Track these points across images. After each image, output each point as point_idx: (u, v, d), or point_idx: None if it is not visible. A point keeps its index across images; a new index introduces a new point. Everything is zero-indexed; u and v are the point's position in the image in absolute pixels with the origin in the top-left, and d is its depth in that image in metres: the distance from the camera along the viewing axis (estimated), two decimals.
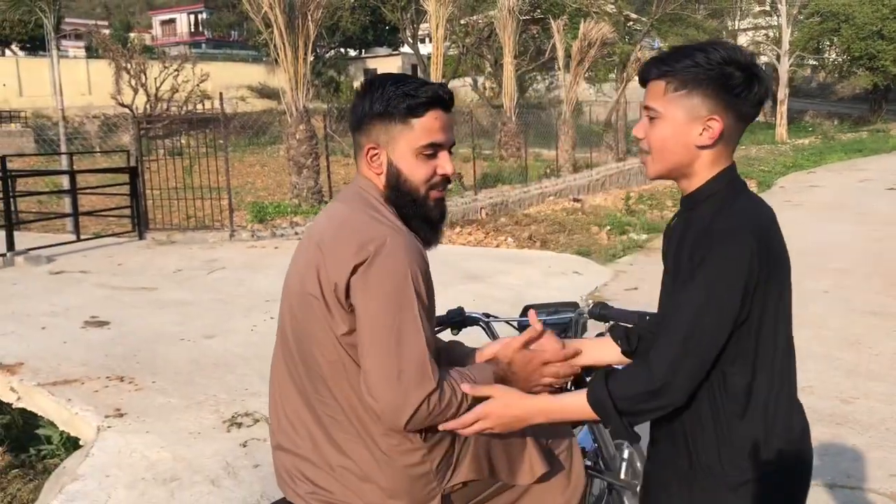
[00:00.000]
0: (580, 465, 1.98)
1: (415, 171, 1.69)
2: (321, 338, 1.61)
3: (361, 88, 1.73)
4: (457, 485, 1.69)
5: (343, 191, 1.79)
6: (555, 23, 17.62)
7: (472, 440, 1.71)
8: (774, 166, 21.47)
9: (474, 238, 10.40)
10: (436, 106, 1.69)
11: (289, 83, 11.33)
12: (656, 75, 1.55)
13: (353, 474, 1.62)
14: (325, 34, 30.25)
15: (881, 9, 32.95)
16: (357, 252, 1.55)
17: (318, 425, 1.65)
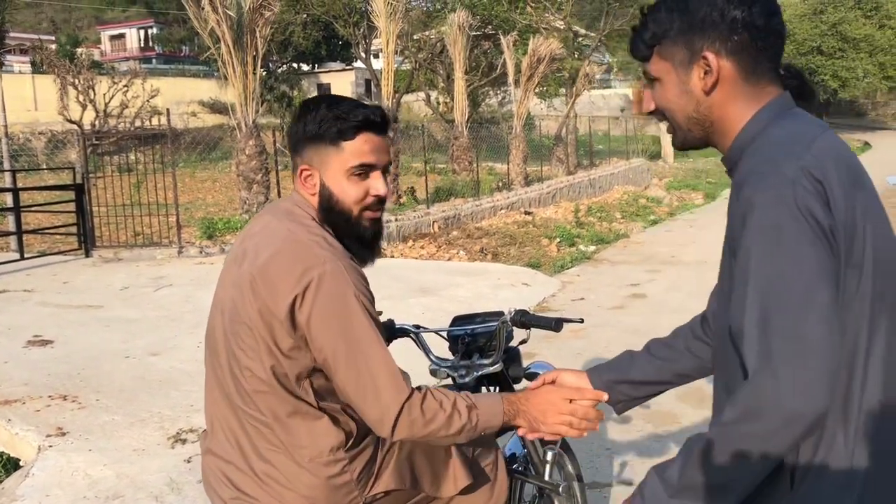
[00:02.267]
0: (504, 478, 2.03)
1: (346, 192, 1.72)
2: (249, 360, 1.65)
3: (298, 110, 1.77)
4: (378, 494, 1.72)
5: (277, 205, 1.81)
6: (504, 39, 17.85)
7: (395, 450, 1.76)
8: (721, 178, 21.95)
9: (427, 251, 10.47)
10: (367, 129, 1.72)
11: (238, 98, 11.30)
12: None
13: (276, 481, 1.66)
14: (277, 49, 30.16)
15: (819, 25, 34.07)
16: (298, 281, 1.58)
17: (244, 433, 1.69)
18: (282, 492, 1.65)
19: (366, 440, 1.72)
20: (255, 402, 1.66)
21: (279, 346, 1.61)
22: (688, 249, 10.94)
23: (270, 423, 1.65)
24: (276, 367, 1.62)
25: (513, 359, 2.35)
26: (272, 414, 1.65)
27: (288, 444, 1.65)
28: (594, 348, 6.13)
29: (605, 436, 4.36)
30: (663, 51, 1.38)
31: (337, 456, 1.66)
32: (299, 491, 1.64)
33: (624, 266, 9.88)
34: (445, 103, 26.24)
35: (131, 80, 23.48)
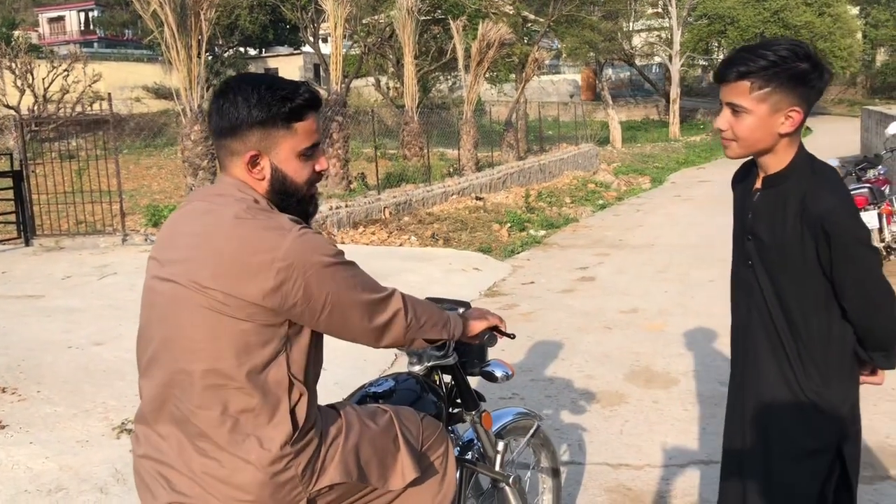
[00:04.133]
0: (453, 471, 2.03)
1: (299, 173, 1.72)
2: (201, 354, 1.60)
3: (225, 92, 1.69)
4: (323, 488, 1.69)
5: (213, 192, 1.72)
6: (454, 23, 17.79)
7: (339, 443, 1.73)
8: (668, 163, 22.35)
9: (378, 237, 10.42)
10: (312, 107, 1.72)
11: (183, 83, 11.06)
12: (737, 77, 1.78)
13: (217, 480, 1.60)
14: (223, 33, 29.60)
15: (763, 12, 34.72)
16: (278, 271, 1.56)
17: (184, 433, 1.63)
18: (223, 490, 1.60)
19: (310, 434, 1.68)
20: (205, 400, 1.60)
21: (247, 333, 1.59)
22: (635, 233, 11.11)
23: (217, 420, 1.60)
24: (240, 357, 1.59)
25: (472, 354, 2.36)
26: (222, 410, 1.60)
27: (229, 442, 1.60)
28: (544, 331, 6.19)
29: (557, 417, 4.41)
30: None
31: (284, 451, 1.62)
32: (242, 488, 1.60)
33: (573, 250, 9.99)
34: (395, 88, 26.11)
35: (71, 64, 22.79)
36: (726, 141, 1.88)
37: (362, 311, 1.69)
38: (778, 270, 1.89)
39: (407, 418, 1.95)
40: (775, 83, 1.76)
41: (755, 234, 1.92)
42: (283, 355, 1.64)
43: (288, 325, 1.63)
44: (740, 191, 2.08)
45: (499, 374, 2.38)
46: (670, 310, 6.73)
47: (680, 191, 16.43)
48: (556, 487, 2.84)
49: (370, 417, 1.87)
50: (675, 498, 3.46)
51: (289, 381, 1.64)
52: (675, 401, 4.61)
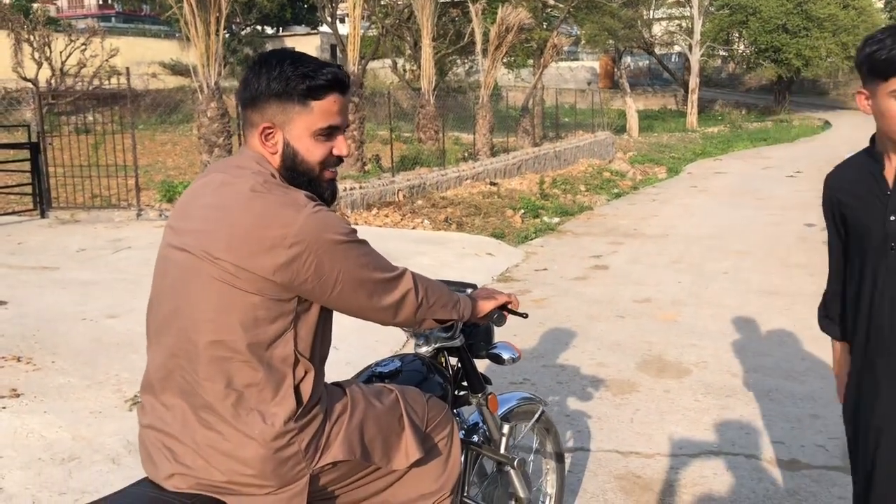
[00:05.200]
0: (458, 453, 2.02)
1: (311, 152, 1.70)
2: (212, 325, 1.59)
3: (255, 64, 1.70)
4: (326, 465, 1.69)
5: (233, 164, 1.72)
6: (473, 6, 17.68)
7: (344, 420, 1.73)
8: (684, 153, 22.18)
9: (391, 220, 10.41)
10: (335, 89, 1.70)
11: (200, 60, 11.05)
12: None
13: (220, 453, 1.60)
14: (241, 11, 29.55)
15: (785, 3, 34.31)
16: (290, 246, 1.56)
17: (189, 405, 1.63)
18: (227, 464, 1.60)
19: (314, 410, 1.67)
20: (211, 372, 1.60)
21: (256, 307, 1.58)
22: (650, 222, 11.05)
23: (222, 393, 1.60)
24: (248, 331, 1.58)
25: (478, 336, 2.35)
26: (227, 383, 1.59)
27: (233, 416, 1.60)
28: (556, 318, 6.18)
29: (565, 403, 4.41)
30: None
31: (287, 427, 1.61)
32: (247, 462, 1.59)
33: (587, 238, 9.95)
34: (412, 71, 26.02)
35: (89, 38, 22.77)
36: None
37: (373, 290, 1.69)
38: None
39: (413, 399, 1.95)
40: None
41: None
42: (291, 332, 1.63)
43: (297, 302, 1.63)
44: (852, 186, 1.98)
45: (506, 356, 2.37)
46: (684, 300, 6.70)
47: (696, 182, 16.32)
48: (560, 472, 2.84)
49: (376, 396, 1.86)
50: (684, 487, 3.46)
51: (295, 357, 1.64)
52: (687, 391, 4.60)
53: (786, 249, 8.87)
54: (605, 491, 3.41)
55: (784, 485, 3.47)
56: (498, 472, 2.46)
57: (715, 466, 3.65)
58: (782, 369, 4.94)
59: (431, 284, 1.85)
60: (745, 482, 3.50)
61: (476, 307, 2.05)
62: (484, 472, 2.49)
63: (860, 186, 1.93)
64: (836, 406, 4.27)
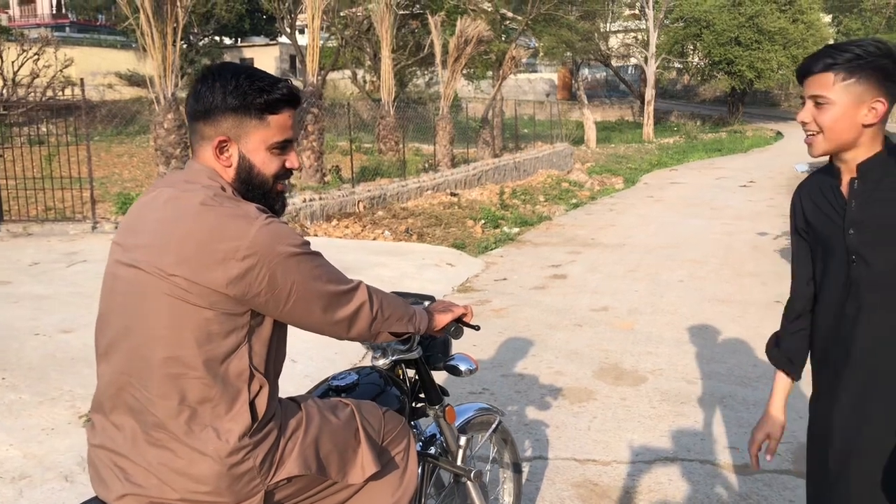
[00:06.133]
0: (414, 467, 2.03)
1: (267, 165, 1.71)
2: (164, 341, 1.58)
3: (206, 77, 1.70)
4: (282, 481, 1.68)
5: (181, 178, 1.70)
6: (432, 18, 17.77)
7: (299, 435, 1.73)
8: (641, 164, 22.50)
9: (351, 231, 10.40)
10: (289, 104, 1.72)
11: (157, 70, 10.94)
12: (822, 69, 1.82)
13: (173, 471, 1.59)
14: (199, 21, 29.28)
15: (738, 17, 35.08)
16: (243, 258, 1.56)
17: (139, 424, 1.61)
18: (180, 482, 1.58)
19: (269, 426, 1.67)
20: (164, 389, 1.58)
21: (209, 322, 1.57)
22: (607, 232, 11.20)
23: (175, 409, 1.58)
24: (201, 346, 1.57)
25: (436, 348, 2.36)
26: (180, 399, 1.58)
27: (191, 431, 1.59)
28: (515, 327, 6.23)
29: (524, 412, 4.45)
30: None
31: (242, 443, 1.61)
32: (201, 480, 1.58)
33: (546, 247, 10.05)
34: (372, 82, 26.05)
35: (42, 48, 22.39)
36: (810, 137, 1.89)
37: (327, 303, 1.69)
38: None
39: (369, 412, 1.95)
40: (859, 75, 1.80)
41: (862, 222, 1.87)
42: (245, 346, 1.62)
43: (251, 316, 1.62)
44: (814, 197, 2.02)
45: (463, 368, 2.38)
46: (640, 308, 6.80)
47: (652, 192, 16.57)
48: (517, 482, 2.86)
49: (331, 411, 1.86)
50: (640, 494, 3.51)
51: (250, 372, 1.63)
52: (643, 398, 4.67)
53: (739, 258, 9.05)
54: (562, 499, 3.45)
55: (738, 489, 3.55)
56: (455, 484, 2.47)
57: (670, 472, 3.71)
58: (735, 376, 5.04)
59: (386, 297, 1.86)
60: (699, 487, 3.56)
61: (433, 320, 2.06)
62: (441, 484, 2.50)
63: (823, 200, 1.98)
64: (787, 411, 4.39)
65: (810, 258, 2.05)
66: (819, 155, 1.91)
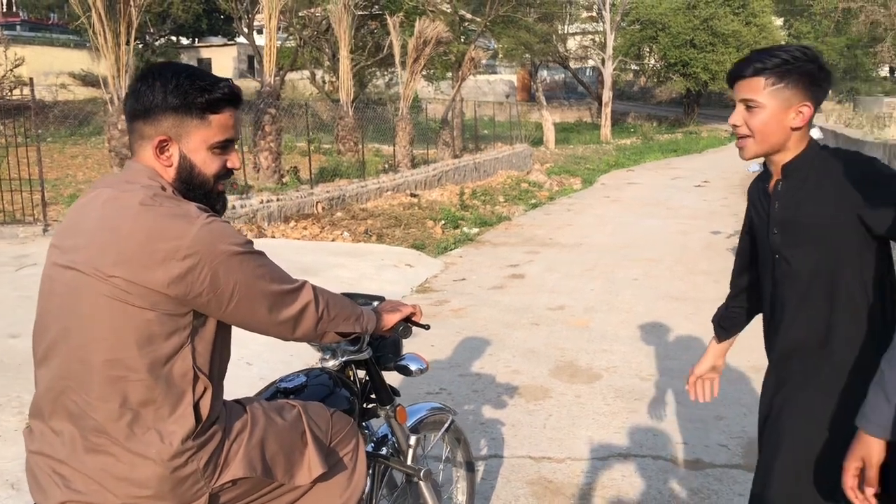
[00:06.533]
0: (363, 467, 2.03)
1: (208, 165, 1.70)
2: (105, 343, 1.56)
3: (146, 76, 1.68)
4: (227, 483, 1.67)
5: (121, 179, 1.68)
6: (391, 19, 17.75)
7: (244, 437, 1.72)
8: (598, 165, 22.74)
9: (309, 232, 10.34)
10: (231, 103, 1.72)
11: (111, 71, 10.76)
12: (752, 73, 1.88)
13: (114, 477, 1.56)
14: (154, 21, 28.85)
15: (693, 20, 35.65)
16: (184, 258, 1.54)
17: (79, 429, 1.59)
18: (123, 487, 1.56)
19: (213, 428, 1.66)
20: (105, 392, 1.56)
21: (151, 323, 1.55)
22: (565, 232, 11.30)
23: (116, 413, 1.56)
24: (143, 348, 1.55)
25: (386, 348, 2.36)
26: (122, 402, 1.56)
27: (132, 435, 1.57)
28: (473, 327, 6.26)
29: (481, 412, 4.47)
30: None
31: (185, 445, 1.59)
32: (143, 484, 1.56)
33: (504, 248, 10.10)
34: (331, 82, 25.89)
35: None
36: (742, 140, 1.94)
37: (271, 303, 1.67)
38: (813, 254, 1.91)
39: (316, 413, 1.94)
40: (787, 80, 1.86)
41: (783, 222, 1.95)
42: (188, 347, 1.61)
43: (193, 316, 1.61)
44: (757, 193, 2.10)
45: (413, 367, 2.38)
46: (596, 307, 6.88)
47: (609, 192, 16.76)
48: (471, 481, 2.88)
49: (277, 412, 1.85)
50: (594, 490, 3.56)
51: (194, 374, 1.62)
52: (598, 395, 4.73)
53: (693, 257, 9.21)
54: (517, 497, 3.48)
55: (689, 484, 3.61)
56: (407, 484, 2.48)
57: (624, 469, 3.77)
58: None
59: (333, 297, 1.85)
60: (652, 483, 3.62)
61: (381, 320, 2.06)
62: (394, 485, 2.51)
63: (758, 198, 2.08)
64: (738, 406, 4.48)
65: (748, 252, 2.16)
66: (750, 158, 1.97)
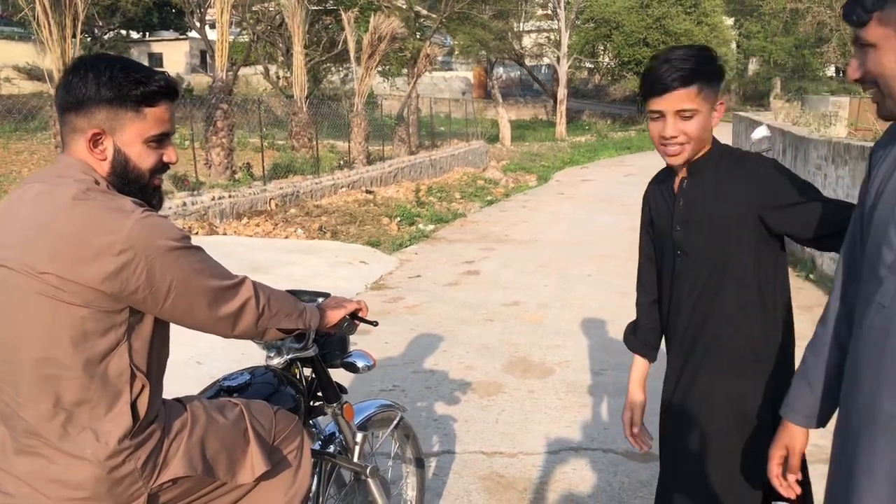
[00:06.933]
0: (308, 465, 2.01)
1: (143, 159, 1.66)
2: (37, 341, 1.52)
3: (78, 68, 1.64)
4: (166, 483, 1.64)
5: (52, 173, 1.64)
6: (345, 15, 17.64)
7: (184, 435, 1.69)
8: (553, 162, 22.92)
9: (262, 229, 10.22)
10: (167, 96, 1.68)
11: (56, 65, 10.51)
12: (683, 84, 1.87)
13: (47, 479, 1.53)
14: (103, 14, 28.24)
15: (646, 18, 36.09)
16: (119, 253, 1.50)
17: (9, 430, 1.55)
18: (57, 489, 1.53)
19: (151, 426, 1.63)
20: (36, 392, 1.52)
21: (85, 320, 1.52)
22: (520, 228, 11.37)
23: (49, 413, 1.52)
24: (77, 346, 1.52)
25: (332, 345, 2.34)
26: (55, 402, 1.53)
27: (66, 435, 1.53)
28: (428, 323, 6.26)
29: (433, 408, 4.48)
30: (885, 16, 1.35)
31: (122, 445, 1.56)
32: (79, 486, 1.53)
33: (460, 244, 10.13)
34: (285, 78, 25.65)
35: None
36: (678, 147, 1.93)
37: (210, 299, 1.64)
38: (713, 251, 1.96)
39: (259, 411, 1.92)
40: (708, 82, 1.91)
41: (685, 220, 1.99)
42: (125, 345, 1.57)
43: (129, 313, 1.57)
44: (657, 193, 2.14)
45: (360, 364, 2.37)
46: (550, 303, 6.94)
47: (564, 189, 16.91)
48: (421, 477, 2.88)
49: (218, 411, 1.83)
50: (545, 484, 3.59)
51: (131, 372, 1.58)
52: (550, 390, 4.77)
53: None
54: (469, 492, 3.49)
55: (638, 476, 3.66)
56: (356, 482, 2.47)
57: (575, 463, 3.81)
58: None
59: (274, 293, 1.83)
60: (602, 476, 3.67)
61: (325, 316, 2.04)
62: (343, 483, 2.49)
63: (661, 197, 2.12)
64: None
65: (652, 249, 2.19)
66: (684, 163, 1.98)
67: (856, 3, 1.37)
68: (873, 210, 1.45)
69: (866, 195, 1.51)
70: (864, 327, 1.43)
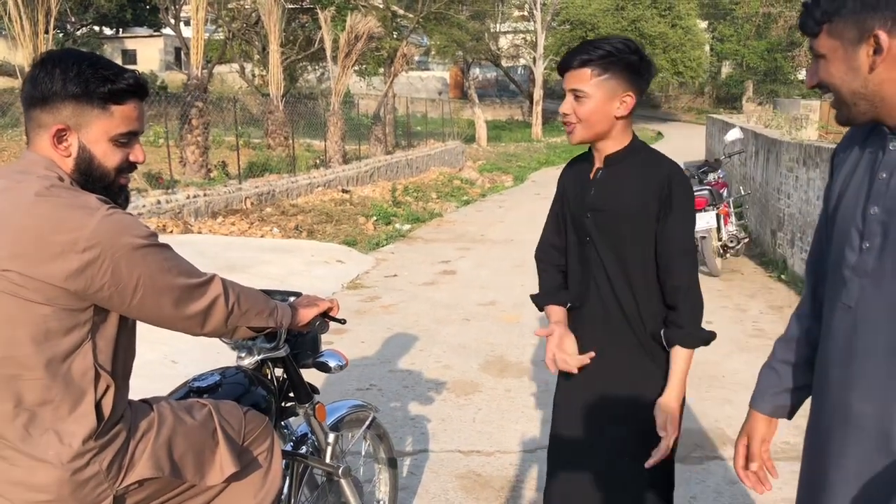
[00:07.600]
0: (279, 466, 1.99)
1: (108, 157, 1.64)
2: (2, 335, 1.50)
3: (45, 62, 1.60)
4: (132, 485, 1.61)
5: (15, 169, 1.61)
6: (322, 13, 17.58)
7: (151, 436, 1.67)
8: (529, 162, 23.03)
9: (238, 228, 10.16)
10: (135, 95, 1.65)
11: (28, 60, 10.36)
12: (579, 64, 1.94)
13: (9, 482, 1.50)
14: (76, 10, 27.90)
15: (621, 21, 36.35)
16: (83, 251, 1.47)
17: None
18: (18, 492, 1.50)
19: (117, 427, 1.61)
20: None
21: (47, 319, 1.49)
22: (496, 228, 11.41)
23: (10, 414, 1.49)
24: (39, 345, 1.49)
25: (304, 345, 2.32)
26: (16, 403, 1.50)
27: (28, 437, 1.50)
28: (404, 323, 6.26)
29: (410, 406, 4.48)
30: (833, 28, 1.40)
31: (87, 446, 1.53)
32: (42, 489, 1.50)
33: (436, 244, 10.14)
34: (261, 76, 25.50)
35: None
36: (570, 126, 2.01)
37: (178, 297, 1.62)
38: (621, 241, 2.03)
39: (228, 412, 1.90)
40: (611, 71, 1.93)
41: (596, 209, 2.05)
42: (89, 343, 1.55)
43: (93, 311, 1.54)
44: (573, 176, 2.19)
45: (332, 364, 2.36)
46: (526, 302, 6.93)
47: (539, 189, 16.98)
48: (394, 476, 2.88)
49: (186, 412, 1.80)
50: (522, 483, 3.61)
51: (95, 371, 1.55)
52: (527, 389, 4.80)
53: None
54: (446, 490, 3.50)
55: None
56: (328, 482, 2.45)
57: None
58: None
59: (244, 291, 1.80)
60: None
61: (296, 315, 2.01)
62: (315, 484, 2.48)
63: (577, 183, 2.16)
64: None
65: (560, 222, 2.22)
66: (577, 142, 2.05)
67: (808, 15, 1.43)
68: (836, 212, 1.50)
69: (829, 198, 1.56)
70: (832, 328, 1.47)
